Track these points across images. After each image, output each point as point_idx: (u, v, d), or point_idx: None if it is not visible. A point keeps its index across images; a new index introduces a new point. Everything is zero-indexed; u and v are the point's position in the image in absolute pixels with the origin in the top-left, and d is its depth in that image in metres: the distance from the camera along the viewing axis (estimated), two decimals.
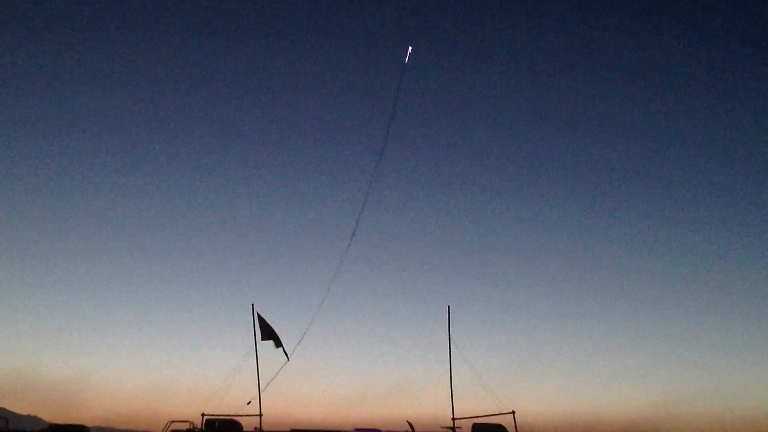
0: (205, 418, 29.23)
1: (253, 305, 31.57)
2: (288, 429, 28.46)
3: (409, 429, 28.93)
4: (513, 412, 28.20)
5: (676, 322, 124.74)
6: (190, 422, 29.09)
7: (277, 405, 31.30)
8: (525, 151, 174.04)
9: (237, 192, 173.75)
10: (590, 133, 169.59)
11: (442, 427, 29.31)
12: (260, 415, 30.04)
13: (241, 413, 29.81)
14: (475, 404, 30.10)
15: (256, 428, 29.71)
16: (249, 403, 30.04)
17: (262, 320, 31.33)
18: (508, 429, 28.28)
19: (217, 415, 29.28)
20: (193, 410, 29.77)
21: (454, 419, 29.47)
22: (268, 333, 31.33)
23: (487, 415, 28.65)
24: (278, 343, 31.29)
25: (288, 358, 31.27)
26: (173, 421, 28.82)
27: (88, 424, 31.28)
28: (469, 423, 29.03)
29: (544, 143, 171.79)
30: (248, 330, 31.32)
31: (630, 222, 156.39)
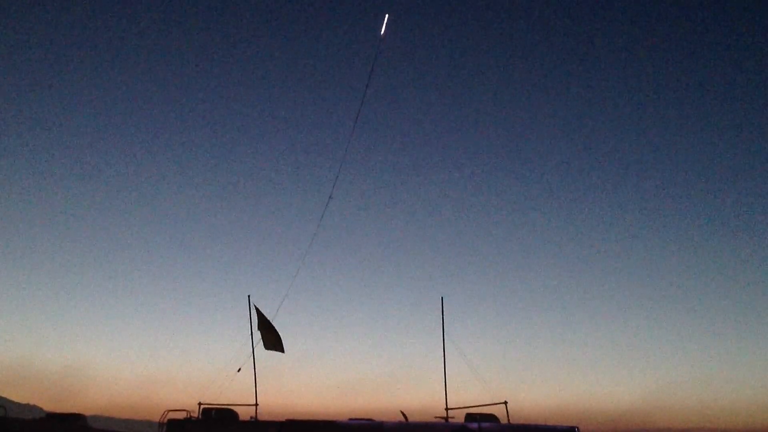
0: (201, 407, 29.53)
1: (249, 297, 31.84)
2: (283, 419, 28.74)
3: (403, 419, 29.24)
4: (505, 402, 28.53)
5: (667, 314, 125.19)
6: (187, 411, 29.37)
7: (273, 395, 31.62)
8: (518, 145, 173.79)
9: (233, 186, 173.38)
10: (584, 125, 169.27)
11: (435, 417, 29.61)
12: (256, 404, 30.36)
13: (237, 403, 30.14)
14: (468, 394, 30.46)
15: (252, 417, 30.02)
16: (239, 370, 30.25)
17: (258, 312, 31.60)
18: (501, 419, 28.59)
19: (214, 405, 29.59)
20: (190, 399, 30.11)
21: (447, 409, 29.78)
22: (263, 326, 31.55)
23: (480, 405, 28.99)
24: (271, 343, 31.40)
25: (283, 351, 31.58)
26: (170, 410, 29.09)
27: (86, 413, 31.55)
28: (462, 413, 29.33)
29: (537, 137, 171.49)
30: (245, 321, 31.61)
31: (621, 217, 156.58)
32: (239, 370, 30.23)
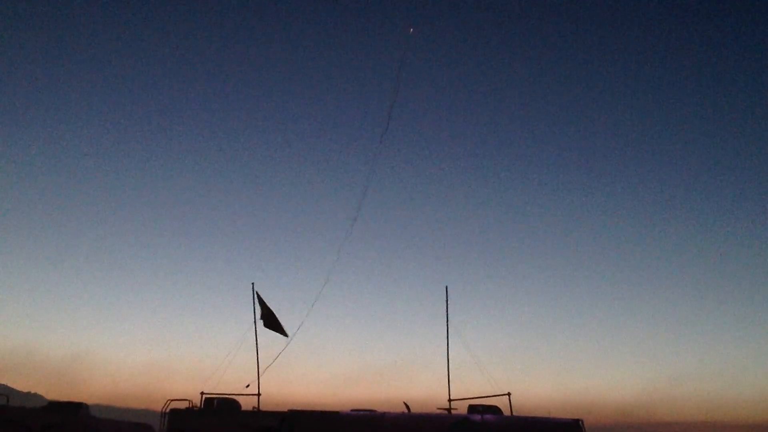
0: (204, 396, 29.45)
1: (253, 284, 31.69)
2: (286, 409, 28.65)
3: (406, 410, 29.13)
4: (509, 394, 28.41)
5: (671, 306, 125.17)
6: (190, 401, 29.30)
7: (276, 385, 31.55)
8: (524, 139, 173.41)
9: (238, 173, 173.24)
10: (586, 123, 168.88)
11: (438, 408, 29.51)
12: (258, 394, 30.27)
13: (239, 392, 30.06)
14: (471, 386, 30.34)
15: (254, 407, 29.95)
16: (248, 386, 30.31)
17: (261, 300, 31.49)
18: (504, 410, 28.47)
19: (216, 394, 29.50)
20: (193, 389, 30.02)
21: (450, 400, 29.67)
22: (265, 315, 31.44)
23: (483, 396, 28.85)
24: (273, 326, 31.44)
25: (287, 335, 31.55)
26: (172, 400, 29.04)
27: (88, 401, 31.51)
28: (465, 404, 29.21)
29: (542, 132, 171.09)
30: (248, 310, 31.49)
31: (626, 209, 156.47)
32: (248, 386, 30.25)
